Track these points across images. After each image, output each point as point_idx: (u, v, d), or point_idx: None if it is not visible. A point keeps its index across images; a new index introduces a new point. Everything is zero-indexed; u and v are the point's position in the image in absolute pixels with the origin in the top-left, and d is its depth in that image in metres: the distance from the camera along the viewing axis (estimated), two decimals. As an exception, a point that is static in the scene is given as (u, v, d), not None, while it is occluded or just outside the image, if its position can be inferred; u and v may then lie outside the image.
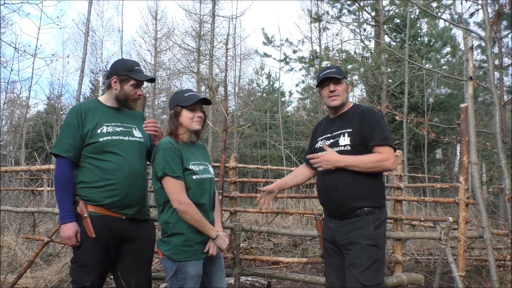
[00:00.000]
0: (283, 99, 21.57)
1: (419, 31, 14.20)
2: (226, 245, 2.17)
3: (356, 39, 14.33)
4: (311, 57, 14.05)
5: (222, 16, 15.43)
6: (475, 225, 4.87)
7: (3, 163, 11.86)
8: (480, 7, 3.93)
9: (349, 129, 2.23)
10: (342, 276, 2.21)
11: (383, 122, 2.22)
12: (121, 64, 2.35)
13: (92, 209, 2.18)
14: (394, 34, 14.93)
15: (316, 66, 13.65)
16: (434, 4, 9.91)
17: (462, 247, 3.15)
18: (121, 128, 2.31)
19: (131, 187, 2.24)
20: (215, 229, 2.15)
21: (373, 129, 2.17)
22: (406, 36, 11.59)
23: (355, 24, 13.90)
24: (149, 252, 2.38)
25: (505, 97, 11.22)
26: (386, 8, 12.77)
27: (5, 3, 8.58)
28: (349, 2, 12.90)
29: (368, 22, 13.36)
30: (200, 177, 2.15)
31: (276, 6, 35.95)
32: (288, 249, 5.56)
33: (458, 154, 5.70)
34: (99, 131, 2.23)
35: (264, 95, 22.20)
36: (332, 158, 2.16)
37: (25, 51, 9.49)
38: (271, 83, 22.80)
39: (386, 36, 13.86)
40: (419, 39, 14.20)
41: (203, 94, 15.44)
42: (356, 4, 12.47)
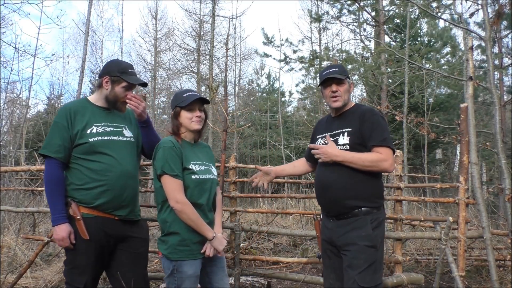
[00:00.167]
0: (283, 99, 21.59)
1: (419, 31, 14.19)
2: (223, 247, 2.15)
3: (356, 39, 14.33)
4: (311, 57, 14.05)
5: (222, 16, 15.44)
6: (475, 225, 4.87)
7: (3, 163, 11.84)
8: (480, 7, 3.93)
9: (349, 129, 2.23)
10: (341, 278, 2.20)
11: (384, 123, 2.22)
12: (115, 65, 2.30)
13: (85, 211, 2.15)
14: (394, 34, 14.92)
15: (316, 66, 13.66)
16: (434, 4, 9.92)
17: (462, 247, 3.15)
18: (111, 128, 2.27)
19: (123, 188, 2.20)
20: (213, 230, 2.13)
21: (373, 130, 2.17)
22: (406, 36, 11.60)
23: (355, 24, 13.89)
24: (144, 252, 2.35)
25: (505, 97, 11.21)
26: (386, 8, 12.76)
27: (5, 3, 8.60)
28: (349, 2, 12.89)
29: (368, 22, 13.36)
30: (200, 177, 2.15)
31: (276, 6, 36.01)
32: (288, 249, 5.56)
33: (458, 154, 5.71)
34: (89, 132, 2.19)
35: (264, 95, 22.18)
36: (330, 151, 2.16)
37: (25, 51, 9.54)
38: (271, 83, 22.80)
39: (386, 36, 13.85)
40: (419, 39, 14.19)
41: (203, 94, 15.38)
42: (356, 4, 12.46)
